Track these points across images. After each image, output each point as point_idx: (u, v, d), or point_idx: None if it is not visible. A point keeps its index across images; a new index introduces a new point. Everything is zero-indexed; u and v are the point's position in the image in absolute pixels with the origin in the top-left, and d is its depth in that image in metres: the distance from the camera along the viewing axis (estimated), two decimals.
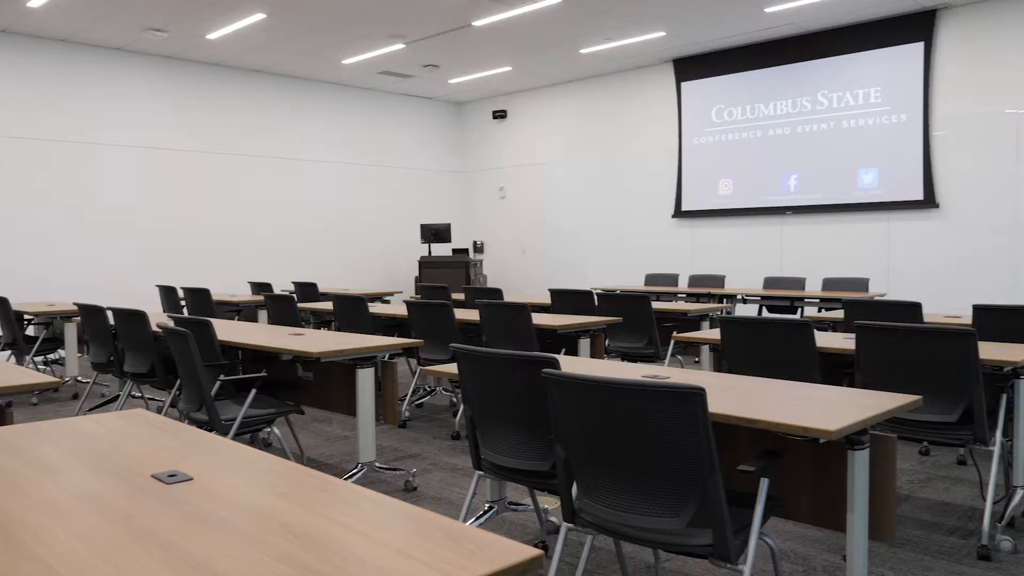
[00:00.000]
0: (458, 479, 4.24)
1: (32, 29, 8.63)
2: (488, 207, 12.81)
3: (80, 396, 6.67)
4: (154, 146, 9.81)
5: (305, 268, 11.21)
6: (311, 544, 1.26)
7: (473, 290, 6.98)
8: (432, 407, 6.12)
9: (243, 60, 10.15)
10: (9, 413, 2.85)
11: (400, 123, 12.35)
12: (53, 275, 9.05)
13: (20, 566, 1.16)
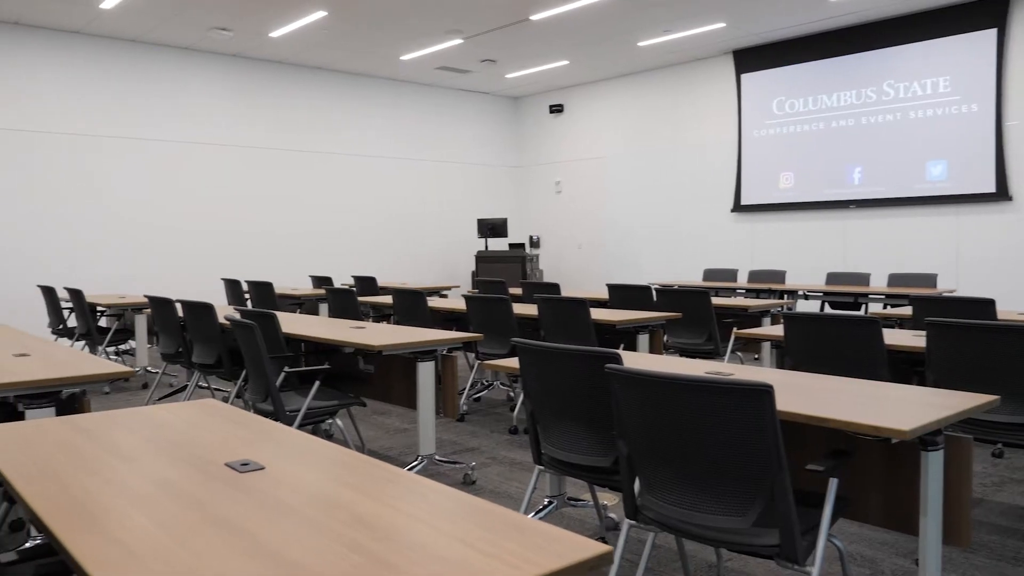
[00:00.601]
0: (516, 473, 4.25)
1: (104, 30, 8.91)
2: (544, 202, 12.80)
3: (150, 386, 6.87)
4: (218, 143, 10.05)
5: (364, 262, 11.36)
6: (380, 534, 1.28)
7: (531, 285, 6.98)
8: (489, 401, 6.14)
9: (304, 58, 10.31)
10: (86, 401, 2.95)
11: (457, 118, 12.41)
12: (124, 268, 9.34)
13: (104, 550, 1.20)
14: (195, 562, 1.16)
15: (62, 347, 3.63)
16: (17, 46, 8.61)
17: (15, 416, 3.02)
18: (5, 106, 8.55)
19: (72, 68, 8.97)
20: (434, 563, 1.17)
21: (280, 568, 1.14)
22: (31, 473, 1.60)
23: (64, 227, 8.94)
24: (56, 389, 2.83)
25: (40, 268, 8.80)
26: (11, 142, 8.58)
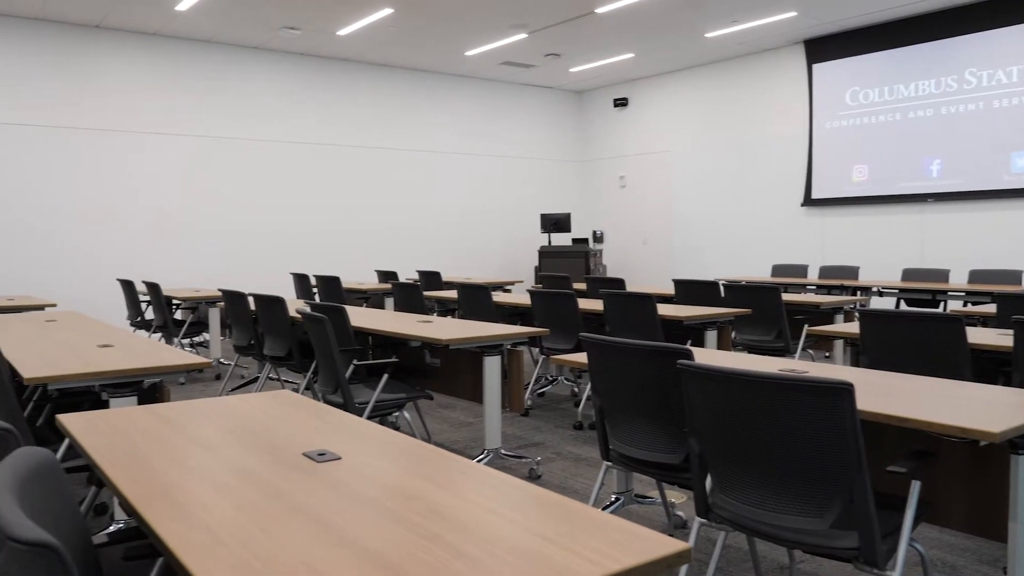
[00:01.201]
0: (582, 469, 4.23)
1: (180, 32, 9.18)
2: (608, 196, 12.71)
3: (222, 377, 7.07)
4: (287, 141, 10.26)
5: (428, 257, 11.46)
6: (457, 525, 1.28)
7: (595, 280, 6.94)
8: (553, 396, 6.13)
9: (369, 55, 10.45)
10: (166, 391, 3.05)
11: (521, 113, 12.41)
12: (198, 263, 9.62)
13: (190, 534, 1.23)
14: (278, 549, 1.18)
15: (142, 338, 3.75)
16: (100, 48, 8.93)
17: (99, 404, 3.14)
18: (89, 106, 8.89)
19: (149, 68, 9.26)
20: (511, 555, 1.17)
21: (361, 557, 1.16)
22: (119, 459, 1.66)
23: (141, 223, 9.25)
24: (138, 379, 2.93)
25: (119, 262, 9.12)
26: (94, 141, 8.91)
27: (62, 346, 3.49)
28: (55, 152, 8.72)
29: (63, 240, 8.78)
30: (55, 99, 8.70)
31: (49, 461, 1.27)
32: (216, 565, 1.12)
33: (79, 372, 2.79)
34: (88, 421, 2.01)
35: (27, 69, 8.55)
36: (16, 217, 8.52)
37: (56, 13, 8.38)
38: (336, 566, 1.13)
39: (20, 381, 2.85)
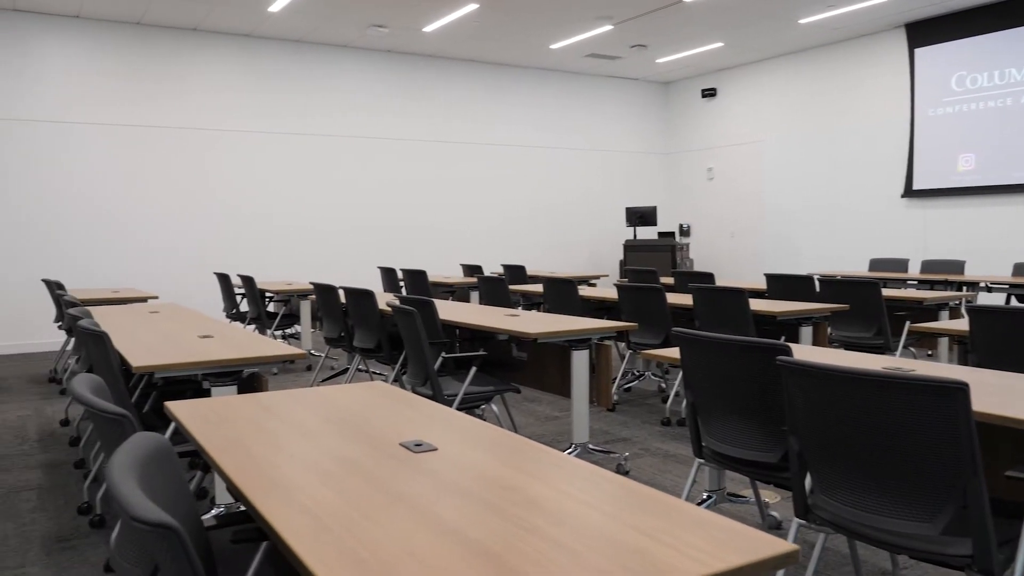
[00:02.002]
0: (670, 466, 4.17)
1: (272, 32, 9.46)
2: (695, 189, 12.48)
3: (313, 368, 7.26)
4: (373, 137, 10.45)
5: (513, 251, 11.50)
6: (556, 519, 1.27)
7: (683, 274, 6.82)
8: (640, 392, 6.06)
9: (455, 50, 10.54)
10: (264, 380, 3.14)
11: (605, 106, 12.30)
12: (289, 256, 9.91)
13: (297, 520, 1.26)
14: (382, 536, 1.19)
15: (239, 330, 3.88)
16: (197, 50, 9.29)
17: (201, 392, 3.26)
18: (187, 106, 9.26)
19: (242, 69, 9.58)
20: (611, 549, 1.15)
21: (463, 546, 1.16)
22: (225, 445, 1.71)
23: (236, 218, 9.59)
24: (238, 368, 3.03)
25: (216, 256, 9.48)
26: (191, 140, 9.28)
27: (166, 337, 3.64)
28: (154, 151, 9.12)
29: (163, 235, 9.18)
30: (156, 100, 9.10)
31: (164, 446, 1.32)
32: (323, 551, 1.14)
33: (183, 361, 2.90)
34: (194, 408, 2.08)
35: (130, 71, 8.96)
36: (119, 213, 8.95)
37: (157, 18, 8.76)
38: (439, 555, 1.13)
39: (127, 369, 2.99)
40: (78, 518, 3.51)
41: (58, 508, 3.64)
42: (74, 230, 8.72)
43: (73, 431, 5.05)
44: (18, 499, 3.78)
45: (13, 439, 4.91)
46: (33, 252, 8.52)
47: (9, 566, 3.01)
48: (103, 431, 1.57)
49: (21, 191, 8.45)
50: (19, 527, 3.41)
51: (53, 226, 8.61)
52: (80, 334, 3.29)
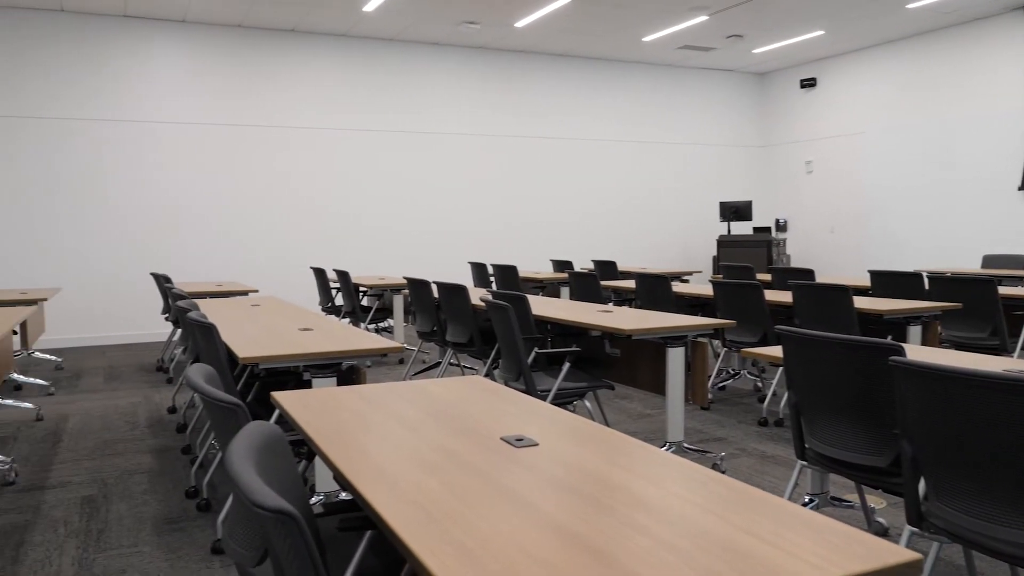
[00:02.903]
0: (768, 467, 4.05)
1: (366, 31, 9.65)
2: (792, 183, 12.10)
3: (405, 362, 7.39)
4: (464, 133, 10.54)
5: (603, 246, 11.42)
6: (662, 518, 1.24)
7: (781, 270, 6.63)
8: (735, 391, 5.92)
9: (546, 45, 10.52)
10: (363, 372, 3.21)
11: (699, 98, 12.06)
12: (382, 251, 10.11)
13: (404, 510, 1.27)
14: (488, 528, 1.19)
15: (336, 323, 3.98)
16: (294, 51, 9.57)
17: (301, 384, 3.36)
18: (283, 105, 9.55)
19: (338, 68, 9.81)
20: (725, 552, 1.12)
21: (571, 541, 1.14)
22: (331, 435, 1.75)
23: (331, 214, 9.84)
24: (337, 361, 3.10)
25: (311, 251, 9.76)
26: (288, 138, 9.57)
27: (268, 329, 3.76)
28: (254, 150, 9.44)
29: (263, 230, 9.50)
30: (256, 99, 9.42)
31: (277, 434, 1.35)
32: (431, 541, 1.14)
33: (286, 353, 2.99)
34: (299, 399, 2.14)
35: (232, 72, 9.30)
36: (222, 209, 9.31)
37: (258, 20, 9.06)
38: (547, 549, 1.12)
39: (231, 359, 3.10)
40: (185, 501, 3.67)
41: (167, 491, 3.81)
42: (180, 226, 9.12)
43: (180, 418, 5.29)
44: (131, 481, 3.97)
45: (125, 424, 5.17)
46: (142, 247, 8.96)
47: (124, 544, 3.17)
48: (217, 419, 1.63)
49: (132, 189, 8.90)
50: (132, 508, 3.59)
51: (160, 222, 9.03)
52: (189, 325, 3.43)
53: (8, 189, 8.40)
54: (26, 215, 8.48)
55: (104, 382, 6.66)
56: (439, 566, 1.06)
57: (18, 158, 8.43)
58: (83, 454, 4.48)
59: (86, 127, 8.69)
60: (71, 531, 3.31)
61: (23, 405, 5.64)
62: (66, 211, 8.63)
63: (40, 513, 3.53)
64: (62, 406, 5.74)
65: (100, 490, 3.84)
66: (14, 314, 4.68)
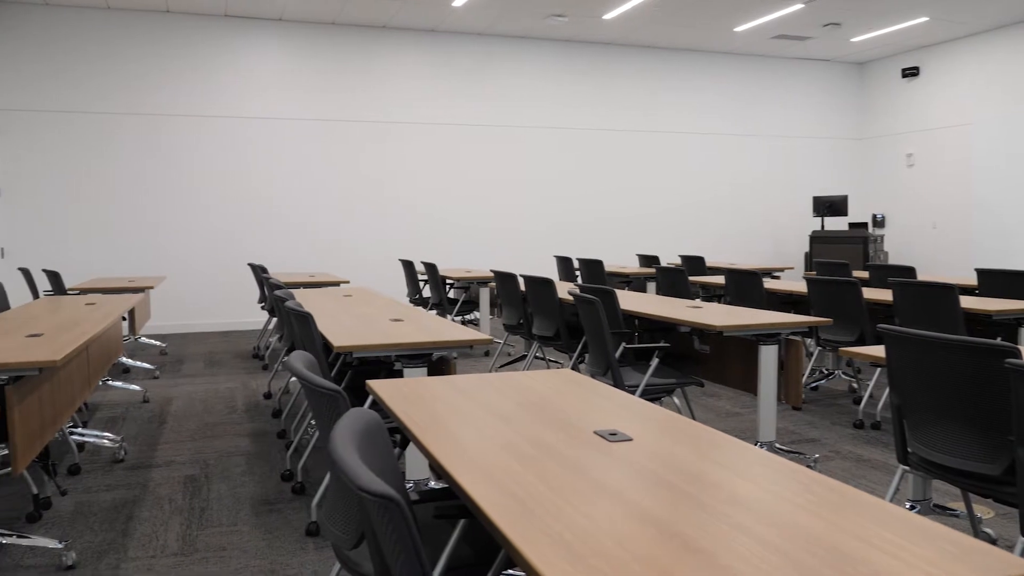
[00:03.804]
0: (864, 471, 3.91)
1: (454, 26, 9.74)
2: (892, 176, 11.61)
3: (491, 354, 7.44)
4: (548, 127, 10.52)
5: (690, 241, 11.23)
6: (766, 519, 1.21)
7: (880, 267, 6.38)
8: (828, 391, 5.74)
9: (633, 37, 10.39)
10: (452, 363, 3.24)
11: (792, 89, 11.70)
12: (468, 244, 10.21)
13: (501, 500, 1.28)
14: (586, 522, 1.19)
15: (426, 314, 4.03)
16: (385, 47, 9.74)
17: (392, 373, 3.42)
18: (371, 100, 9.73)
19: (426, 62, 9.94)
20: (828, 555, 1.08)
21: (670, 538, 1.13)
22: (426, 424, 1.77)
23: (418, 207, 9.99)
24: (428, 351, 3.14)
25: (399, 243, 9.93)
26: (376, 133, 9.75)
27: (361, 319, 3.84)
28: (343, 144, 9.66)
29: (352, 222, 9.72)
30: (347, 95, 9.63)
31: (376, 421, 1.38)
32: (530, 532, 1.14)
33: (379, 343, 3.05)
34: (394, 387, 2.18)
35: (325, 68, 9.53)
36: (313, 202, 9.57)
37: (350, 18, 9.26)
38: (646, 545, 1.11)
39: (326, 347, 3.17)
40: (281, 484, 3.79)
41: (263, 474, 3.95)
42: (274, 218, 9.42)
43: (275, 404, 5.47)
44: (230, 463, 4.13)
45: (224, 408, 5.38)
46: (239, 239, 9.30)
47: (224, 523, 3.30)
48: (317, 404, 1.67)
49: (231, 183, 9.24)
50: (231, 488, 3.73)
51: (256, 215, 9.35)
52: (287, 314, 3.54)
53: (118, 184, 8.85)
54: (134, 209, 8.91)
55: (204, 367, 6.94)
56: (540, 559, 1.06)
57: (127, 154, 8.87)
58: (186, 435, 4.68)
59: (187, 123, 9.06)
60: (175, 508, 3.47)
61: (131, 387, 5.94)
62: (171, 205, 9.03)
63: (147, 490, 3.71)
64: (166, 389, 6.02)
65: (202, 470, 4.01)
66: (124, 301, 4.93)
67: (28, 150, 8.56)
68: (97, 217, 8.81)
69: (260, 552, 3.00)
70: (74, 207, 8.73)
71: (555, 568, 1.03)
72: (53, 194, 8.66)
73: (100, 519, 3.34)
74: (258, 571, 2.84)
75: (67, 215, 8.71)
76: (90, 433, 4.49)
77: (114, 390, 5.96)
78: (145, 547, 3.05)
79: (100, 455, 4.29)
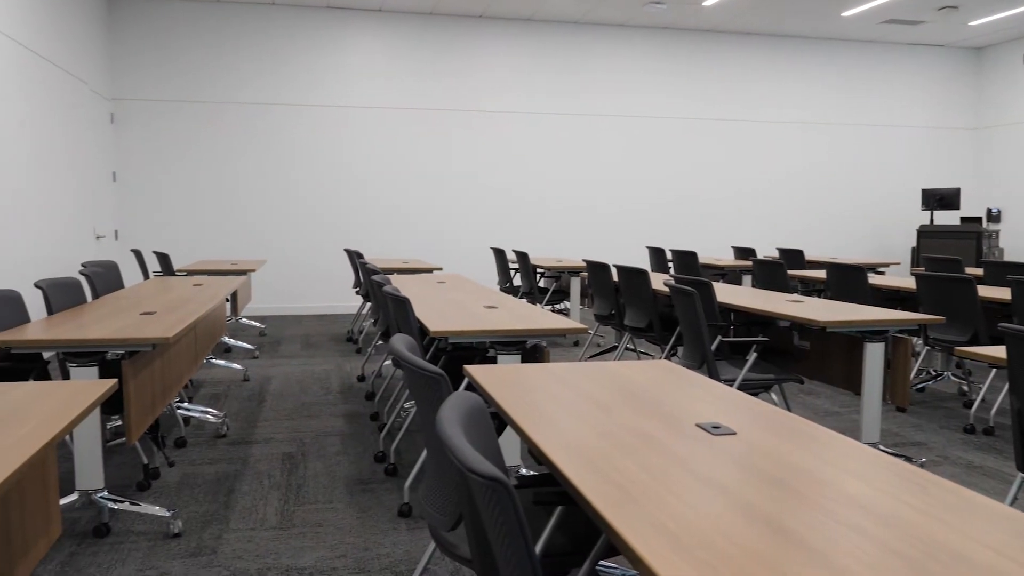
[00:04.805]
0: (976, 478, 3.71)
1: (549, 15, 9.69)
2: (1010, 169, 10.95)
3: (580, 344, 7.41)
4: (646, 115, 10.37)
5: (787, 234, 10.90)
6: (883, 521, 1.15)
7: (996, 264, 6.03)
8: (936, 393, 5.47)
9: (735, 24, 10.12)
10: (546, 351, 3.23)
11: (901, 76, 11.17)
12: (558, 233, 10.18)
13: (602, 488, 1.26)
14: (691, 514, 1.16)
15: (519, 302, 4.03)
16: (481, 36, 9.78)
17: (486, 359, 3.44)
18: (464, 90, 9.80)
19: (521, 52, 9.93)
20: (954, 562, 1.02)
21: (779, 535, 1.09)
22: (526, 410, 1.77)
23: (509, 195, 10.01)
24: (522, 339, 3.14)
25: (490, 231, 9.98)
26: (466, 121, 9.82)
27: (455, 305, 3.88)
28: (437, 133, 9.76)
29: (443, 210, 9.83)
30: (440, 85, 9.72)
31: (480, 405, 1.38)
32: (633, 521, 1.12)
33: (475, 329, 3.07)
34: (491, 373, 2.18)
35: (423, 58, 9.65)
36: (407, 189, 9.71)
37: (447, 8, 9.33)
38: (754, 541, 1.07)
39: (421, 331, 3.21)
40: (374, 465, 3.87)
41: (357, 454, 4.04)
42: (369, 205, 9.62)
43: (368, 387, 5.59)
44: (326, 442, 4.25)
45: (320, 389, 5.53)
46: (335, 225, 9.54)
47: (320, 500, 3.39)
48: (419, 387, 1.69)
49: (328, 171, 9.48)
50: (327, 467, 3.83)
51: (352, 201, 9.57)
52: (383, 298, 3.60)
53: (224, 170, 9.20)
54: (238, 194, 9.25)
55: (301, 349, 7.16)
56: (646, 548, 1.03)
57: (232, 142, 9.21)
58: (283, 414, 4.84)
59: (288, 112, 9.34)
60: (274, 484, 3.59)
61: (233, 366, 6.18)
62: (272, 191, 9.34)
63: (248, 465, 3.86)
64: (265, 369, 6.24)
65: (298, 448, 4.14)
66: (227, 283, 5.12)
67: (141, 138, 9.00)
68: (204, 202, 9.18)
69: (354, 530, 3.07)
70: (183, 192, 9.13)
71: (662, 558, 1.01)
72: (164, 180, 9.07)
73: (204, 490, 3.49)
74: (352, 548, 2.90)
75: (176, 200, 9.12)
76: (195, 408, 4.70)
77: (217, 368, 6.21)
78: (246, 519, 3.17)
79: (204, 430, 4.48)
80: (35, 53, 6.34)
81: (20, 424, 1.58)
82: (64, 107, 7.04)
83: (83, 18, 7.79)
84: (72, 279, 3.92)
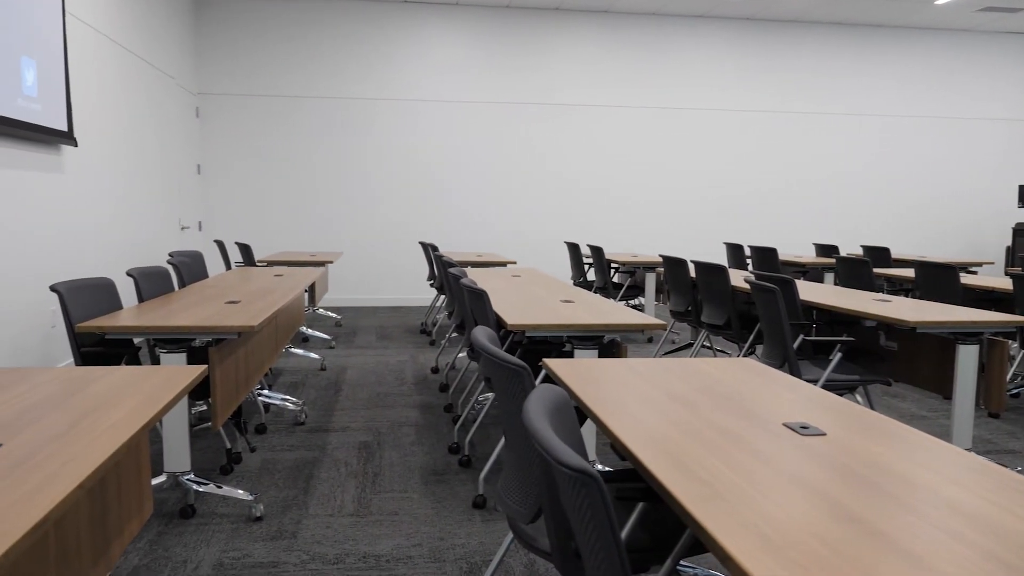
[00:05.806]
0: None
1: (625, 7, 9.59)
2: None
3: (654, 341, 7.32)
4: (723, 109, 10.16)
5: (872, 231, 10.54)
6: (981, 527, 1.10)
7: None
8: None
9: (817, 13, 9.82)
10: (624, 347, 3.20)
11: (1000, 67, 10.66)
12: (633, 228, 10.08)
13: (690, 485, 1.23)
14: (781, 515, 1.12)
15: (596, 297, 4.00)
16: (557, 29, 9.74)
17: (562, 354, 3.43)
18: (540, 82, 9.77)
19: (597, 45, 9.85)
20: None
21: (876, 540, 1.05)
22: (607, 404, 1.75)
23: (583, 189, 9.96)
24: (600, 334, 3.12)
25: (564, 225, 9.95)
26: (541, 114, 9.79)
27: (531, 299, 3.87)
28: (512, 126, 9.77)
29: (519, 203, 9.83)
30: (516, 78, 9.73)
31: (565, 398, 1.37)
32: (725, 522, 1.10)
33: (552, 323, 3.06)
34: (570, 367, 2.17)
35: (499, 51, 9.67)
36: (482, 183, 9.75)
37: (523, 0, 9.33)
38: (849, 545, 1.03)
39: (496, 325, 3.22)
40: (448, 456, 3.91)
41: (432, 445, 4.08)
42: (443, 198, 9.71)
43: (442, 379, 5.64)
44: (400, 432, 4.31)
45: (395, 380, 5.61)
46: (410, 217, 9.65)
47: (396, 489, 3.44)
48: (501, 379, 1.69)
49: (404, 164, 9.60)
50: (402, 456, 3.88)
51: (427, 194, 9.67)
52: (460, 291, 3.63)
53: (303, 164, 9.42)
54: (317, 187, 9.46)
55: (376, 340, 7.28)
56: (737, 547, 1.01)
57: (311, 135, 9.42)
58: (360, 403, 4.93)
59: (366, 106, 9.48)
60: (351, 472, 3.66)
61: (310, 355, 6.32)
62: (349, 184, 9.51)
63: (326, 452, 3.94)
64: (341, 359, 6.36)
65: (375, 437, 4.20)
66: (306, 275, 5.24)
67: (224, 131, 9.28)
68: (283, 194, 9.42)
69: (429, 520, 3.10)
70: (263, 185, 9.38)
71: (754, 559, 0.98)
72: (245, 172, 9.34)
73: (284, 476, 3.58)
74: (428, 537, 2.93)
75: (257, 192, 9.38)
76: (276, 396, 4.82)
77: (295, 357, 6.37)
78: (324, 505, 3.24)
79: (283, 417, 4.59)
80: (127, 49, 6.60)
81: (117, 408, 1.64)
82: (153, 102, 7.32)
83: (171, 15, 8.08)
84: (161, 268, 4.07)
